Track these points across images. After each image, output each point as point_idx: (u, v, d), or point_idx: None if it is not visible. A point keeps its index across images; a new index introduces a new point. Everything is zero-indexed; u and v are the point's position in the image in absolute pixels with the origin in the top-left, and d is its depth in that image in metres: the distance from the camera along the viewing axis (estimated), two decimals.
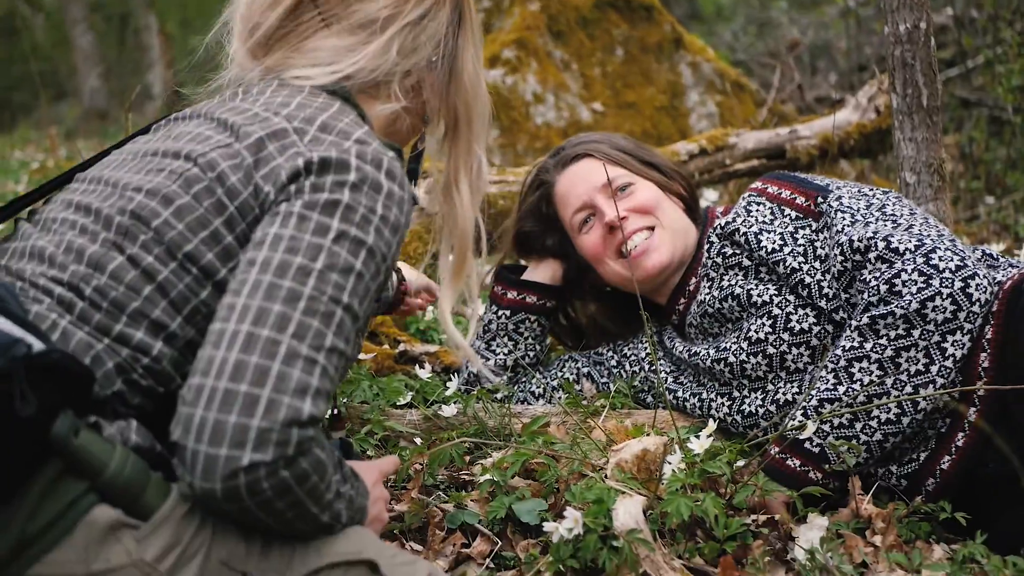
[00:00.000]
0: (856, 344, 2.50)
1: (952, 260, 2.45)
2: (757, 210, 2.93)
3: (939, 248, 2.48)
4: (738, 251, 2.90)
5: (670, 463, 2.38)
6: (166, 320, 1.81)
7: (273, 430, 1.59)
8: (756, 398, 2.82)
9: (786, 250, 2.80)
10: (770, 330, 2.78)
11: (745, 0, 15.18)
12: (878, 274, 2.50)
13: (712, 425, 2.48)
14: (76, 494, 1.57)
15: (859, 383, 2.49)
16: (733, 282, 2.90)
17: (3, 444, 1.50)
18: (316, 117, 1.93)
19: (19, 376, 1.49)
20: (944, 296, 2.42)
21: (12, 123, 20.55)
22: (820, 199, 2.85)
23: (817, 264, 2.75)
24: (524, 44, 6.16)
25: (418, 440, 2.90)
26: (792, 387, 2.75)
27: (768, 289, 2.82)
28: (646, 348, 3.21)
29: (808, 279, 2.74)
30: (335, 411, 2.84)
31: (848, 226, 2.67)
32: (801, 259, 2.77)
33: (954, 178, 7.03)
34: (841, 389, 2.51)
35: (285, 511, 1.65)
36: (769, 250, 2.82)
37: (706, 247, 3.02)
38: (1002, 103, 7.14)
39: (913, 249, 2.49)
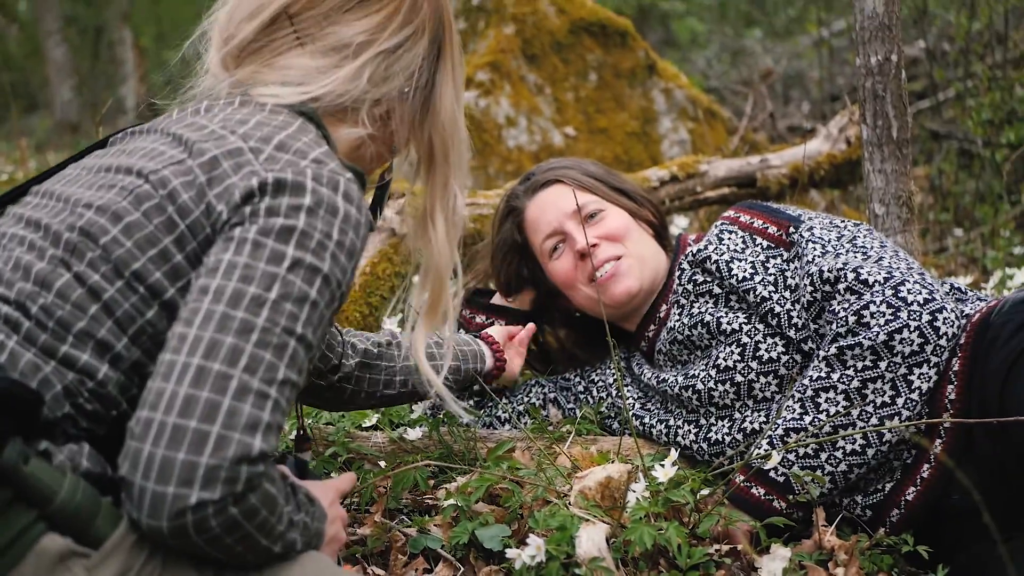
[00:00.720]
0: (823, 374, 2.51)
1: (920, 293, 2.46)
2: (729, 238, 2.94)
3: (908, 281, 2.49)
4: (709, 279, 2.91)
5: (634, 491, 2.37)
6: (112, 340, 1.78)
7: (222, 467, 1.56)
8: (723, 426, 2.82)
9: (757, 279, 2.80)
10: (739, 358, 2.78)
11: (720, 28, 15.27)
12: (847, 305, 2.51)
13: (674, 453, 2.47)
14: (25, 523, 1.55)
15: (825, 413, 2.49)
16: (703, 309, 2.90)
17: None
18: (273, 136, 1.90)
19: None
20: (912, 329, 2.43)
21: None
22: (792, 229, 2.85)
23: (787, 294, 2.75)
24: (498, 67, 6.17)
25: (382, 463, 2.88)
26: (759, 416, 2.75)
27: (738, 317, 2.82)
28: (614, 374, 3.20)
29: (778, 308, 2.74)
30: (301, 431, 2.82)
31: (819, 256, 2.68)
32: (771, 288, 2.77)
33: (923, 210, 7.07)
34: (807, 419, 2.51)
35: (234, 546, 1.63)
36: (740, 278, 2.82)
37: (677, 274, 3.02)
38: (972, 136, 7.19)
39: (882, 281, 2.50)
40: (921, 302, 2.45)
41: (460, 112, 2.26)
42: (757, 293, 2.78)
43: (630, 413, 3.00)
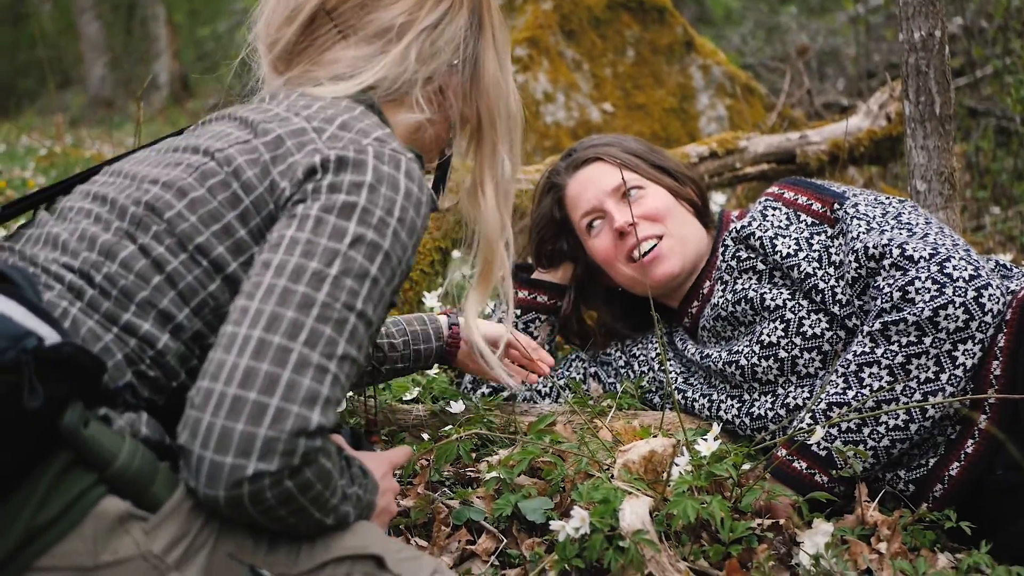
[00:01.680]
0: (867, 349, 2.50)
1: (966, 270, 2.45)
2: (773, 215, 2.93)
3: (953, 257, 2.48)
4: (753, 255, 2.91)
5: (678, 465, 2.38)
6: (173, 311, 1.81)
7: (280, 439, 1.58)
8: (766, 401, 2.82)
9: (801, 255, 2.80)
10: (782, 334, 2.78)
11: (754, 4, 15.18)
12: (892, 281, 2.51)
13: (716, 428, 2.47)
14: (85, 485, 1.57)
15: (868, 388, 2.49)
16: (747, 285, 2.90)
17: (10, 435, 1.50)
18: (336, 117, 1.93)
19: (28, 368, 1.49)
20: (957, 305, 2.42)
21: (17, 109, 20.57)
22: (836, 206, 2.85)
23: (831, 270, 2.75)
24: (536, 43, 6.16)
25: (425, 436, 2.90)
26: (802, 391, 2.75)
27: (782, 293, 2.82)
28: (655, 349, 3.21)
29: (822, 284, 2.74)
30: (373, 417, 2.84)
31: (863, 233, 2.67)
32: (815, 264, 2.77)
33: (960, 188, 7.03)
34: (850, 393, 2.51)
35: (287, 518, 1.65)
36: (784, 255, 2.82)
37: (721, 250, 3.02)
38: (1010, 113, 7.15)
39: (927, 257, 2.49)
40: (966, 278, 2.45)
41: (506, 78, 2.27)
42: (801, 269, 2.78)
43: (672, 387, 3.00)
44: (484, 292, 2.27)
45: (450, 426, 2.90)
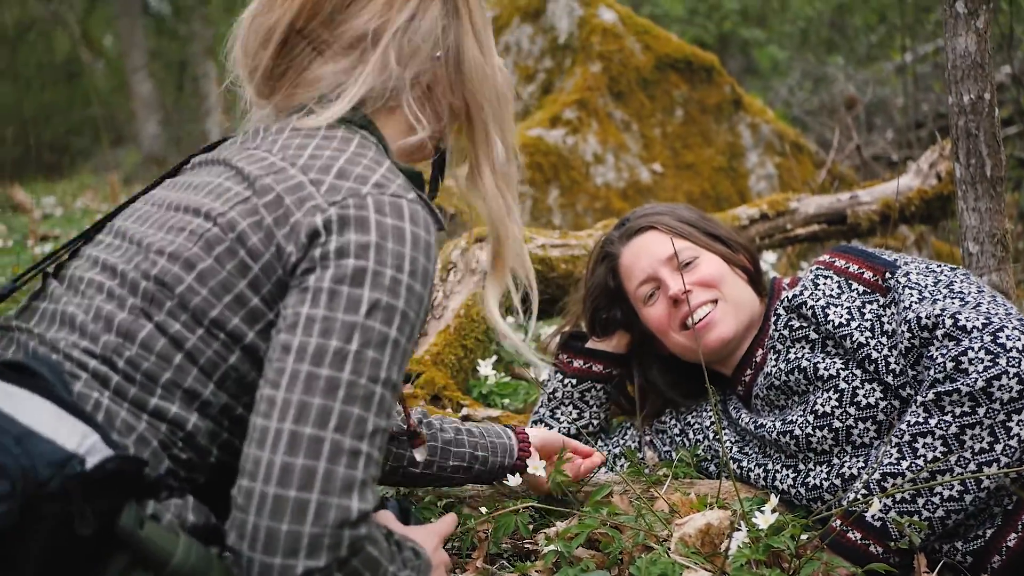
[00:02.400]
0: (921, 420, 2.50)
1: (1020, 339, 2.45)
2: (824, 283, 2.95)
3: (1007, 327, 2.48)
4: (805, 324, 2.92)
5: (735, 537, 2.38)
6: (199, 388, 1.82)
7: (324, 535, 1.61)
8: (821, 471, 2.82)
9: (853, 324, 2.81)
10: (836, 404, 2.78)
11: (801, 55, 15.18)
12: (945, 351, 2.51)
13: (774, 500, 2.48)
14: None
15: (923, 459, 2.49)
16: (799, 355, 2.91)
17: (66, 554, 1.53)
18: (332, 164, 1.90)
19: (76, 495, 1.51)
20: (1011, 375, 2.42)
21: (72, 167, 20.77)
22: (888, 275, 2.85)
23: (884, 339, 2.75)
24: (585, 104, 6.20)
25: (483, 508, 2.91)
26: (858, 461, 2.75)
27: (835, 363, 2.82)
28: (710, 417, 3.22)
29: (875, 354, 2.74)
30: (409, 428, 2.75)
31: (916, 303, 2.68)
32: (868, 334, 2.78)
33: (1013, 242, 6.99)
34: (904, 464, 2.51)
35: None
36: (836, 324, 2.83)
37: (773, 319, 3.03)
38: None
39: (980, 327, 2.50)
40: (1020, 348, 2.44)
41: (489, 60, 2.20)
42: (854, 339, 2.78)
43: (728, 456, 3.01)
44: (500, 275, 2.21)
45: (508, 498, 2.91)
